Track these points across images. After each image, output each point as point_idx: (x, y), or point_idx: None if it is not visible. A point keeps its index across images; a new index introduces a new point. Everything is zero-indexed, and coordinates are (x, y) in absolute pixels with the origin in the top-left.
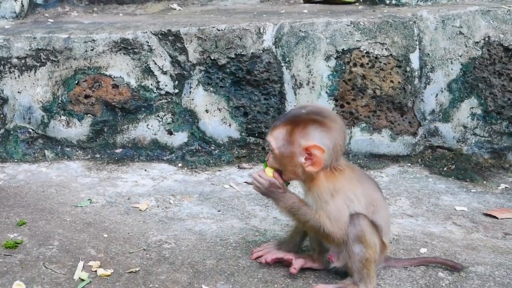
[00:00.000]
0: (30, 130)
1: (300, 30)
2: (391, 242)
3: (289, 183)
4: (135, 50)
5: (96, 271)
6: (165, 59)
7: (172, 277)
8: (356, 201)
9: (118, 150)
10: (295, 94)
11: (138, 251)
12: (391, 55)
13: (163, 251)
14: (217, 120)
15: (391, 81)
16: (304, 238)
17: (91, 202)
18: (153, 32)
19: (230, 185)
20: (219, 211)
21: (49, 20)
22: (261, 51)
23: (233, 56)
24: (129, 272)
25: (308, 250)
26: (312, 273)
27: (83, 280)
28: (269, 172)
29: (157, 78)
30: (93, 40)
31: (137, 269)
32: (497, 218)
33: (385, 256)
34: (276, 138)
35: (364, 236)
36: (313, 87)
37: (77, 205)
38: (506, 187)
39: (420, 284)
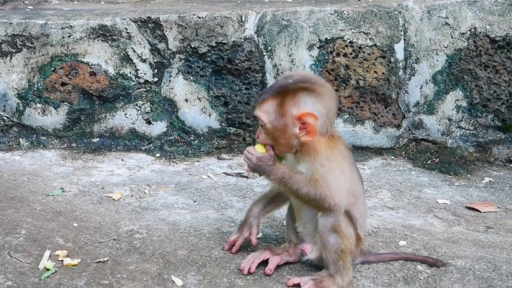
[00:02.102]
0: (5, 118)
1: (282, 19)
2: (369, 235)
3: (280, 157)
4: (113, 37)
5: (62, 260)
6: (144, 47)
7: (141, 267)
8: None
9: (95, 140)
10: None
11: (108, 241)
12: (375, 45)
13: (134, 241)
14: (196, 110)
15: (375, 72)
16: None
17: (63, 191)
18: (132, 19)
19: (208, 176)
20: (195, 201)
21: (29, 7)
22: (243, 40)
23: (214, 44)
24: (96, 262)
25: (283, 241)
26: (287, 265)
27: (48, 269)
28: (260, 149)
29: (136, 66)
30: (71, 26)
31: (106, 259)
32: (480, 211)
33: (363, 250)
34: (266, 112)
35: (339, 226)
36: None
37: (48, 194)
38: (490, 181)
39: (397, 277)
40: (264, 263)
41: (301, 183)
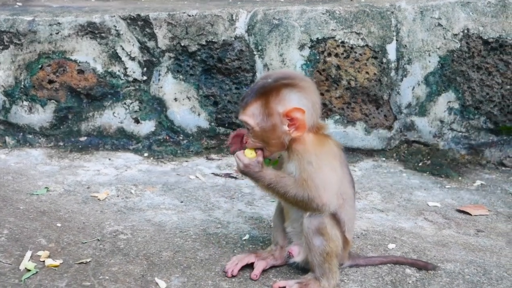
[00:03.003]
0: None
1: (274, 18)
2: (358, 237)
3: (274, 162)
4: (102, 34)
5: (44, 261)
6: (133, 45)
7: (124, 269)
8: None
9: (83, 138)
10: None
11: (91, 242)
12: (367, 45)
13: (118, 242)
14: (186, 109)
15: (367, 73)
16: None
17: (48, 190)
18: (121, 17)
19: (196, 176)
20: (181, 202)
21: (18, 3)
22: (233, 39)
23: (204, 43)
24: (79, 263)
25: (270, 243)
26: (273, 268)
27: (29, 270)
28: (249, 153)
29: (124, 64)
30: (59, 23)
31: (88, 260)
32: (471, 214)
33: (352, 254)
34: (252, 115)
35: (324, 229)
36: None
37: (33, 193)
38: (481, 184)
39: (385, 281)
40: (251, 265)
41: (288, 186)
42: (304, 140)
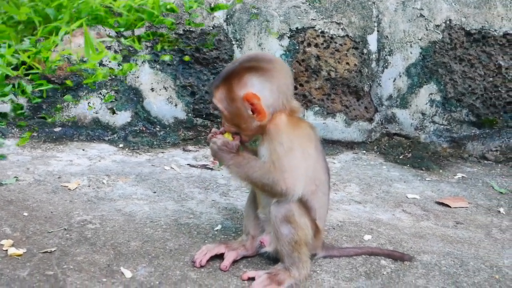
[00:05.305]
0: None
1: (253, 7)
2: (334, 228)
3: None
4: None
5: (7, 250)
6: (109, 33)
7: (90, 258)
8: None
9: (57, 129)
10: None
11: (58, 231)
12: (347, 35)
13: (85, 231)
14: (162, 100)
15: (347, 63)
16: None
17: (17, 180)
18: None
19: (171, 167)
20: (154, 192)
21: None
22: (212, 28)
23: (181, 32)
24: (43, 252)
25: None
26: (244, 258)
27: None
28: (227, 137)
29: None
30: None
31: (53, 249)
32: (450, 206)
33: (326, 244)
34: (220, 100)
35: (292, 216)
36: None
37: (1, 182)
38: (462, 177)
39: (359, 272)
40: (222, 256)
41: (256, 167)
42: (278, 122)
